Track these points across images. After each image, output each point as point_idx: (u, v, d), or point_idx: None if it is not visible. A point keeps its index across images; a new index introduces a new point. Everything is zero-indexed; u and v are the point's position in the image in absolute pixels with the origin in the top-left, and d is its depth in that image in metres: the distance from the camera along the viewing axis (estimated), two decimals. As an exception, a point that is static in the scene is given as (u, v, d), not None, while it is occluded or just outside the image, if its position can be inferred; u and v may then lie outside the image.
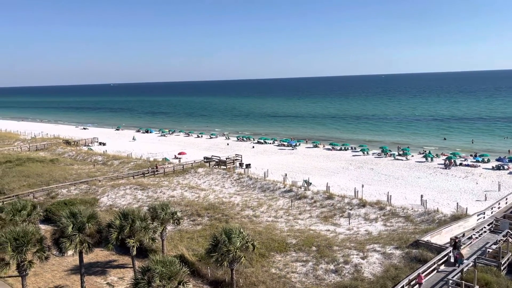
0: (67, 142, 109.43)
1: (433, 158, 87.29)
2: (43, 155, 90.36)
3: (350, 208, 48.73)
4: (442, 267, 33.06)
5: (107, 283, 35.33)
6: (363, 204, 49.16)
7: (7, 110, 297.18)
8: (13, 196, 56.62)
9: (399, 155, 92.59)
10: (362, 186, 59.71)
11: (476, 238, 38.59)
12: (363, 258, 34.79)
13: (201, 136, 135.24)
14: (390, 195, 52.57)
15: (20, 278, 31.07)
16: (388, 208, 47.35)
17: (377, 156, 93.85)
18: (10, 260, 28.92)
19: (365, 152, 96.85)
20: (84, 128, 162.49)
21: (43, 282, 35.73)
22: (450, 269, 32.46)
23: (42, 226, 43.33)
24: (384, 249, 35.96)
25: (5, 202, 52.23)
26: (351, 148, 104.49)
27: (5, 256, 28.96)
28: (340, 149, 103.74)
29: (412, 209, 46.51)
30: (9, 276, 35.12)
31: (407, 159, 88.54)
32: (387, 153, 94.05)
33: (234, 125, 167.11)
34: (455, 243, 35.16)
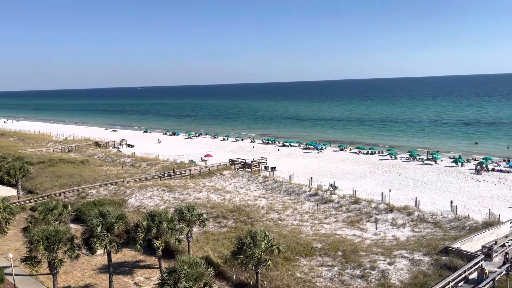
0: (97, 144, 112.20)
1: (464, 163, 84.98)
2: (74, 156, 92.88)
3: (377, 213, 47.97)
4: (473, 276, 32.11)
5: (134, 283, 35.91)
6: (390, 209, 48.31)
7: (40, 112, 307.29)
8: (45, 196, 58.43)
9: (428, 159, 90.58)
10: (390, 190, 58.71)
11: (509, 246, 37.30)
12: (390, 264, 34.16)
13: (227, 138, 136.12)
14: (419, 200, 51.49)
15: (51, 276, 31.98)
16: (416, 213, 46.36)
17: (405, 160, 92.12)
18: (41, 258, 29.78)
19: (393, 156, 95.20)
20: (113, 130, 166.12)
21: (73, 280, 36.64)
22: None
23: (73, 226, 44.45)
24: (412, 255, 35.22)
25: (38, 202, 53.97)
26: (378, 152, 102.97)
27: (37, 254, 29.85)
28: (367, 153, 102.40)
29: (441, 215, 45.36)
30: (41, 274, 36.25)
31: (436, 164, 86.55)
32: (416, 158, 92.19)
33: (259, 128, 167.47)
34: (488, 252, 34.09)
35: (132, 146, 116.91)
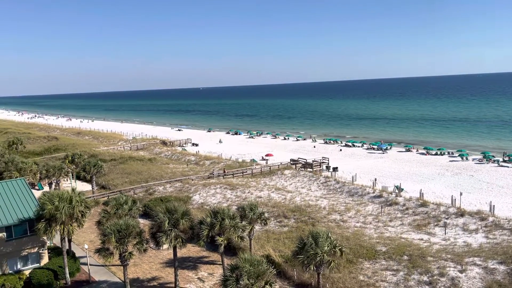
0: (164, 143, 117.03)
1: (546, 166, 78.22)
2: (143, 154, 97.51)
3: (446, 217, 45.50)
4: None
5: (198, 278, 36.99)
6: (461, 213, 45.62)
7: (111, 112, 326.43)
8: (116, 191, 61.93)
9: (504, 161, 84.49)
10: (461, 194, 55.44)
11: None
12: (461, 272, 32.24)
13: (288, 138, 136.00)
14: (493, 205, 48.10)
15: (121, 267, 33.83)
16: (490, 219, 43.35)
17: (477, 162, 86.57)
18: (114, 250, 31.63)
19: (464, 158, 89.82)
20: (179, 130, 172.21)
21: (141, 272, 38.50)
22: None
23: (141, 220, 46.68)
24: (485, 263, 32.99)
25: (110, 197, 57.38)
26: (448, 153, 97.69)
27: (109, 246, 31.73)
28: (436, 154, 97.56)
29: (519, 221, 42.08)
30: (113, 265, 38.48)
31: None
32: (490, 159, 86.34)
33: (321, 128, 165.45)
34: None
35: (197, 145, 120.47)
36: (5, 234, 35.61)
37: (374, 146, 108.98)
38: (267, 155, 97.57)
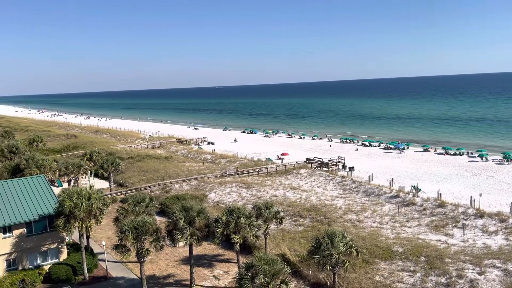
0: (180, 141, 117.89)
1: None
2: (159, 153, 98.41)
3: (465, 218, 44.75)
4: None
5: (214, 276, 37.20)
6: (480, 214, 44.81)
7: (128, 111, 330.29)
8: (133, 189, 62.69)
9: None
10: (480, 195, 54.38)
11: None
12: (480, 274, 31.69)
13: (303, 137, 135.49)
14: (514, 207, 47.10)
15: (138, 264, 34.25)
16: (511, 220, 42.47)
17: (498, 162, 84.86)
18: (131, 246, 31.99)
19: (484, 158, 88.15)
20: (195, 128, 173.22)
21: (157, 269, 38.90)
22: None
23: (158, 218, 47.07)
24: (506, 265, 32.36)
25: (127, 194, 58.07)
26: (467, 153, 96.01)
27: (127, 242, 32.11)
28: (454, 154, 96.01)
29: (541, 223, 41.13)
30: (129, 262, 38.95)
31: (536, 167, 78.57)
32: (511, 160, 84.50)
33: (337, 127, 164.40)
34: None
35: (213, 143, 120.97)
36: (25, 229, 36.41)
37: (391, 146, 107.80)
38: (282, 154, 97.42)
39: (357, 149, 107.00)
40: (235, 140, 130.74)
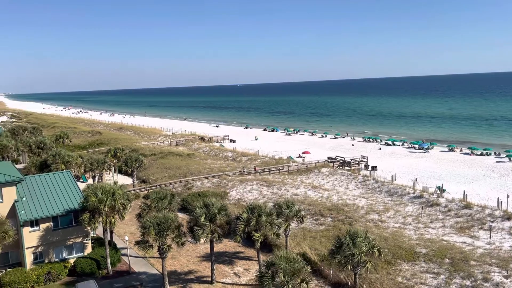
0: (202, 139, 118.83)
1: None
2: (181, 150, 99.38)
3: (492, 220, 43.60)
4: None
5: (234, 273, 37.34)
6: (507, 216, 43.58)
7: (152, 108, 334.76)
8: (156, 186, 63.52)
9: (556, 163, 79.84)
10: (508, 196, 52.89)
11: None
12: (506, 277, 30.87)
13: (325, 136, 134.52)
14: (543, 209, 45.65)
15: (160, 260, 34.68)
16: (540, 223, 41.21)
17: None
18: (153, 242, 32.43)
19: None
20: (217, 126, 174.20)
21: (179, 265, 39.32)
22: None
23: (179, 214, 47.54)
24: (534, 270, 31.41)
25: (150, 190, 58.87)
26: (495, 153, 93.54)
27: (149, 238, 32.57)
28: (481, 154, 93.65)
29: None
30: (152, 257, 39.50)
31: None
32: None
33: (357, 126, 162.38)
34: None
35: (234, 141, 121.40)
36: (52, 223, 37.38)
37: (415, 145, 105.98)
38: (304, 153, 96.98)
39: (380, 148, 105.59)
40: (256, 138, 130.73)
